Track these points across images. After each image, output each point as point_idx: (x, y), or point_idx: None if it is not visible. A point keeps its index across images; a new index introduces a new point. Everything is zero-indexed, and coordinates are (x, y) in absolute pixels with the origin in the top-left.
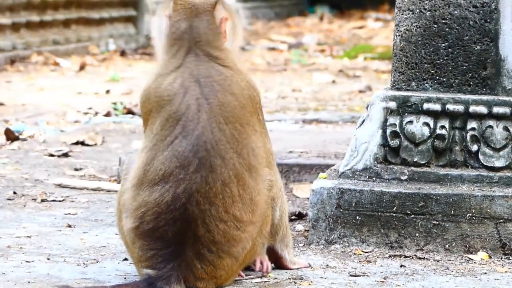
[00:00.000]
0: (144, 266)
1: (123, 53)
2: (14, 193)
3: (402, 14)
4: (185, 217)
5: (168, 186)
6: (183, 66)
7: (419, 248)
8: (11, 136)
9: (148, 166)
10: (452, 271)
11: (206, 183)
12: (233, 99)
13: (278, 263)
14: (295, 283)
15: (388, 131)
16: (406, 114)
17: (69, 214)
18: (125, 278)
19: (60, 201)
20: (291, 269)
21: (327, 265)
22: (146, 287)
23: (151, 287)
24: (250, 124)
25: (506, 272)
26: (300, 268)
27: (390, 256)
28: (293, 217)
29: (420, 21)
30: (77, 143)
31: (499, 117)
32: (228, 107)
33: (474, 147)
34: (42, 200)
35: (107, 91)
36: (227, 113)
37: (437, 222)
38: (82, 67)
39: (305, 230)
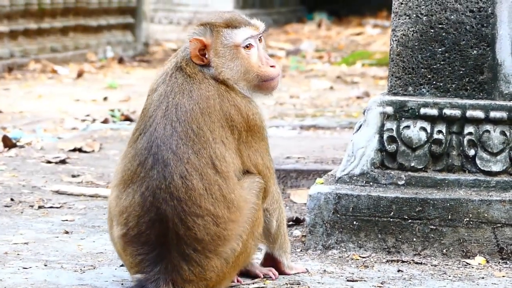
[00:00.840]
0: (135, 272)
1: (121, 61)
2: (12, 199)
3: (399, 19)
4: (160, 217)
5: (136, 186)
6: (168, 76)
7: (417, 253)
8: (8, 143)
9: (122, 167)
10: (450, 276)
11: (163, 178)
12: (191, 102)
13: (276, 268)
14: None
15: (385, 136)
16: (403, 119)
17: (67, 220)
18: (122, 284)
19: (57, 207)
20: (288, 274)
21: (325, 270)
22: None
23: None
24: (214, 133)
25: (503, 276)
26: (298, 273)
27: (387, 261)
28: (290, 223)
29: (417, 26)
30: (74, 150)
31: (496, 122)
32: (183, 108)
33: (471, 152)
34: (40, 207)
35: (105, 98)
36: (182, 114)
37: (435, 227)
38: (80, 75)
39: (303, 236)
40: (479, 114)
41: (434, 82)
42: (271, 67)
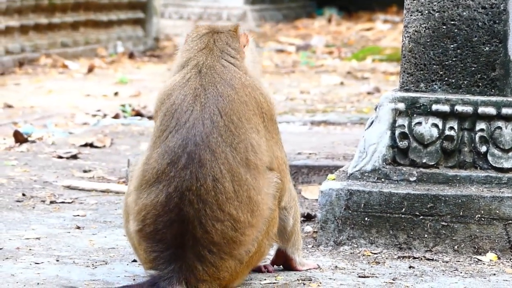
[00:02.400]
0: (149, 268)
1: (131, 56)
2: (23, 195)
3: (411, 15)
4: (181, 218)
5: (162, 186)
6: (192, 59)
7: (428, 249)
8: (20, 138)
9: (146, 165)
10: (461, 272)
11: (196, 180)
12: (232, 92)
13: (287, 264)
14: (304, 284)
15: (396, 132)
16: (415, 115)
17: (78, 215)
18: (134, 279)
19: (69, 202)
20: (300, 270)
21: (336, 266)
22: (150, 286)
23: (154, 287)
24: (251, 122)
25: None
26: (309, 269)
27: (399, 257)
28: (302, 219)
29: (429, 22)
30: (85, 145)
31: (508, 118)
32: (226, 98)
33: (483, 148)
34: (51, 202)
35: (116, 93)
36: (224, 105)
37: (446, 223)
38: (90, 70)
39: (314, 232)
40: (491, 110)
41: (446, 79)
42: None
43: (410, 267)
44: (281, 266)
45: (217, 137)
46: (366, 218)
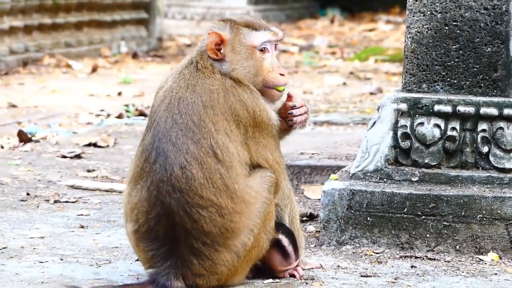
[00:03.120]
0: (148, 267)
1: (134, 56)
2: (27, 194)
3: (413, 16)
4: (166, 211)
5: (143, 182)
6: (178, 73)
7: (430, 249)
8: (24, 137)
9: (133, 165)
10: (463, 272)
11: (165, 170)
12: (194, 96)
13: None
14: (307, 283)
15: (399, 133)
16: (417, 115)
17: (82, 215)
18: (137, 278)
19: (72, 202)
20: (302, 269)
21: (338, 266)
22: (149, 284)
23: (154, 284)
24: (217, 125)
25: None
26: (312, 268)
27: (401, 256)
28: (304, 218)
29: (431, 23)
30: (89, 144)
31: (509, 119)
32: (185, 101)
33: (485, 149)
34: (55, 201)
35: (119, 93)
36: (184, 107)
37: (448, 223)
38: (94, 70)
39: (317, 231)
40: (493, 111)
41: (448, 79)
42: (281, 75)
43: (412, 266)
44: None
45: (177, 131)
46: (368, 218)
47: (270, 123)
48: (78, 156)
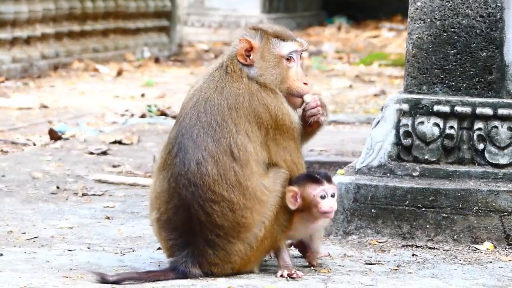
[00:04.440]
0: (168, 256)
1: (157, 60)
2: (57, 187)
3: (414, 23)
4: (183, 203)
5: (165, 173)
6: (209, 75)
7: (430, 238)
8: (54, 135)
9: (159, 156)
10: (460, 260)
11: (183, 165)
12: (220, 98)
13: (304, 251)
14: (315, 270)
15: (401, 131)
16: (417, 115)
17: (108, 207)
18: (159, 265)
19: (99, 195)
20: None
21: (345, 254)
22: (171, 271)
23: (175, 272)
24: (239, 126)
25: (510, 261)
26: (320, 257)
27: (402, 246)
28: None
29: (431, 30)
30: (114, 142)
31: (503, 118)
32: (212, 101)
33: (481, 146)
34: (83, 194)
35: (142, 95)
36: (210, 107)
37: (446, 215)
38: (119, 73)
39: None
40: (488, 111)
41: (446, 82)
42: (304, 84)
43: (413, 255)
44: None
45: (199, 128)
46: (372, 210)
47: (292, 126)
48: (104, 153)
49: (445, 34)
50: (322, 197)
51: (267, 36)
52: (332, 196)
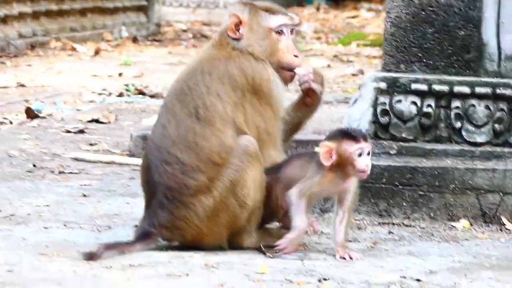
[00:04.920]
0: None
1: (134, 40)
2: (34, 166)
3: (393, 1)
4: (147, 165)
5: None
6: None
7: (406, 216)
8: (31, 114)
9: None
10: (437, 238)
11: (154, 129)
12: (196, 64)
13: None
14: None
15: (378, 109)
16: (395, 93)
17: (85, 185)
18: None
19: (76, 173)
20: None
21: (322, 232)
22: (137, 230)
23: (140, 230)
24: (209, 87)
25: (486, 238)
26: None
27: (379, 223)
28: None
29: (409, 9)
30: (92, 120)
31: (481, 97)
32: (189, 70)
33: (458, 124)
34: (60, 172)
35: (120, 74)
36: (186, 75)
37: (423, 193)
38: (97, 52)
39: None
40: (466, 89)
41: (424, 60)
42: (295, 56)
43: (389, 232)
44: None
45: (173, 95)
46: None
47: (271, 94)
48: (81, 131)
49: (423, 12)
50: (359, 155)
51: (255, 9)
52: (368, 154)
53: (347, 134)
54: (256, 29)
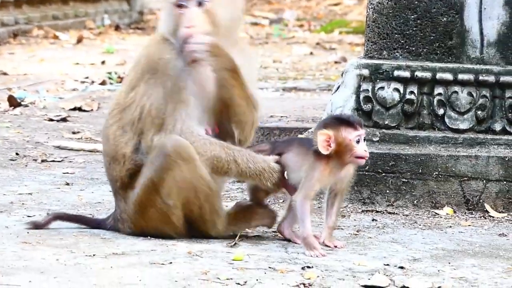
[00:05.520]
0: None
1: (117, 28)
2: (17, 154)
3: None
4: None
5: None
6: None
7: (390, 203)
8: (14, 102)
9: None
10: (420, 225)
11: None
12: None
13: None
14: (276, 235)
15: (361, 96)
16: (378, 80)
17: (67, 173)
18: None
19: (59, 161)
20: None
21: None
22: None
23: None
24: (130, 75)
25: (469, 225)
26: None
27: (362, 211)
28: None
29: None
30: (74, 109)
31: (463, 83)
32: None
33: (441, 111)
34: (42, 161)
35: (103, 62)
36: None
37: (406, 180)
38: (79, 40)
39: None
40: (448, 76)
41: (407, 47)
42: (187, 27)
43: (373, 220)
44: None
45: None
46: None
47: (166, 74)
48: (64, 119)
49: None
50: (357, 142)
51: None
52: (364, 140)
53: (344, 121)
54: (164, 6)
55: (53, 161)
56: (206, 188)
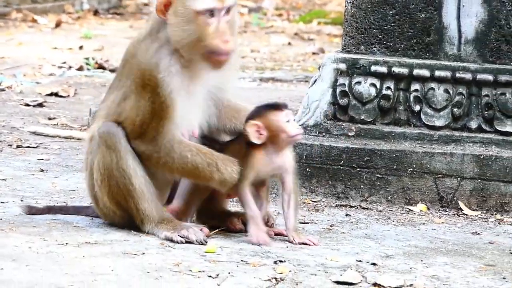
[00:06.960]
0: None
1: (96, 13)
2: None
3: None
4: None
5: None
6: None
7: (364, 199)
8: None
9: None
10: (393, 221)
11: None
12: (129, 45)
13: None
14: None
15: (338, 91)
16: (355, 75)
17: (42, 159)
18: (92, 219)
19: (34, 147)
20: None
21: (279, 213)
22: None
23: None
24: (118, 76)
25: (443, 223)
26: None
27: (336, 205)
28: None
29: None
30: (51, 94)
31: (440, 80)
32: (127, 46)
33: (417, 107)
34: (18, 146)
35: (80, 47)
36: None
37: (381, 176)
38: (58, 25)
39: None
40: (425, 72)
41: (384, 42)
42: (225, 42)
43: (346, 215)
44: None
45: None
46: (307, 169)
47: (159, 92)
48: (40, 105)
49: None
50: (287, 121)
51: None
52: (294, 120)
53: (268, 107)
54: (182, 12)
55: (28, 147)
56: (128, 182)
